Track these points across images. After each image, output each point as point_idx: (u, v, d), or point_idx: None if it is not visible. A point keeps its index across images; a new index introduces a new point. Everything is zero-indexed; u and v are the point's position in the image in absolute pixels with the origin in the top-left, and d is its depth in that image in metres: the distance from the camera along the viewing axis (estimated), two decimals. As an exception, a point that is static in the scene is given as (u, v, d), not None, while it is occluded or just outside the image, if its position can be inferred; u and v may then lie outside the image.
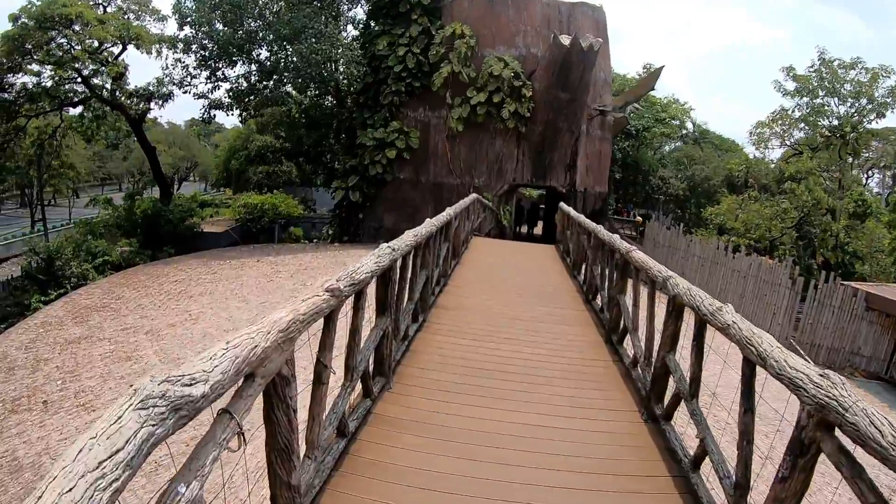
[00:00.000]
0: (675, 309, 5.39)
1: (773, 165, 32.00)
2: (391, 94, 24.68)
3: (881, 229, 28.97)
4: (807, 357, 17.55)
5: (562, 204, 18.66)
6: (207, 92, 29.24)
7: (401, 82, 24.47)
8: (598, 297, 10.26)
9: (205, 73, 28.64)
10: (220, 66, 28.40)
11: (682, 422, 7.15)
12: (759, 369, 3.50)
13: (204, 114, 29.11)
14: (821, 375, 2.77)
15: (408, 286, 7.07)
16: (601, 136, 26.91)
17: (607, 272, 9.58)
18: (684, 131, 54.47)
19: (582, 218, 13.37)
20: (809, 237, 29.38)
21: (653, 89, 25.90)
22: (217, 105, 28.76)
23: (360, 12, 31.57)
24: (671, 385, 5.37)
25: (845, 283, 18.63)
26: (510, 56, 23.65)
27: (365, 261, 4.75)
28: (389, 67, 24.69)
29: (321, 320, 3.65)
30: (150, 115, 37.46)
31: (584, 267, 12.56)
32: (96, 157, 58.84)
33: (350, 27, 32.41)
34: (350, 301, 4.44)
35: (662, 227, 24.09)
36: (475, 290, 10.98)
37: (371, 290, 5.02)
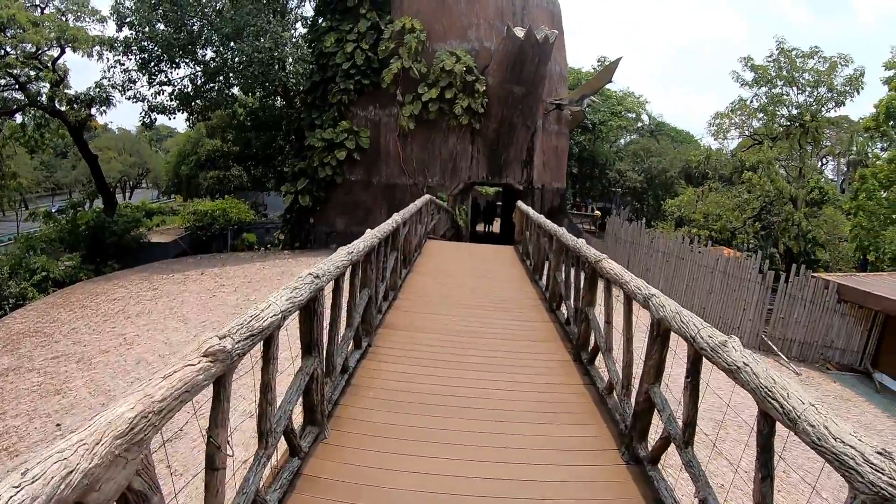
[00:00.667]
0: (661, 335, 4.42)
1: (731, 156, 31.24)
2: (340, 93, 23.42)
3: (839, 216, 28.56)
4: (780, 353, 16.90)
5: (519, 203, 17.62)
6: (151, 95, 27.61)
7: (349, 80, 23.21)
8: (563, 306, 9.25)
9: (147, 76, 27.02)
10: (162, 67, 26.81)
11: (672, 464, 6.05)
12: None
13: (144, 118, 27.42)
14: (880, 454, 2.04)
15: (344, 312, 5.97)
16: (558, 130, 25.95)
17: (573, 280, 8.64)
18: (640, 124, 54.19)
19: (542, 219, 12.35)
20: (770, 227, 28.84)
21: (610, 81, 24.94)
22: (158, 109, 27.08)
23: (309, 10, 30.21)
24: (656, 421, 4.59)
25: (816, 275, 17.91)
26: (463, 50, 22.53)
27: (274, 298, 3.60)
28: (338, 65, 23.42)
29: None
30: (102, 121, 35.70)
31: (545, 272, 11.60)
32: (43, 166, 56.49)
33: (299, 25, 31.04)
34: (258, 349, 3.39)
35: (623, 222, 23.11)
36: (428, 303, 9.93)
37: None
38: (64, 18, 29.21)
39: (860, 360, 16.95)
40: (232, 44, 24.04)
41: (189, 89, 27.46)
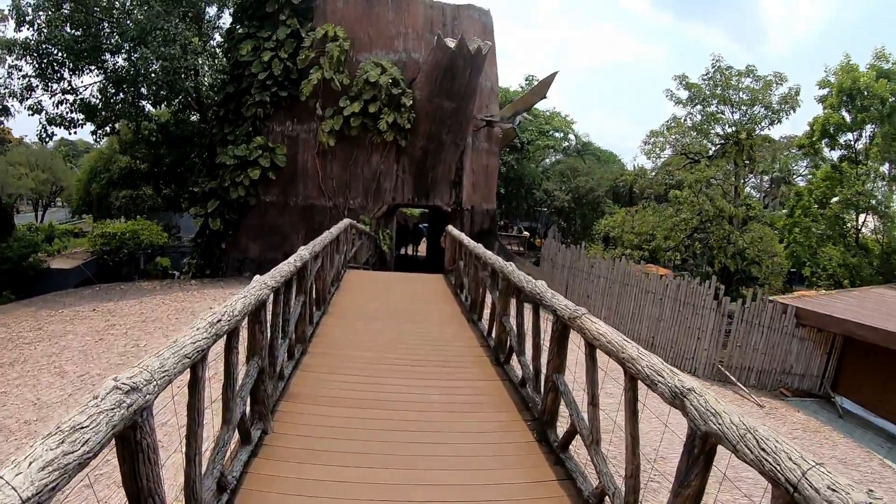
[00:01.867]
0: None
1: (659, 175, 29.97)
2: (255, 106, 21.08)
3: (767, 231, 27.60)
4: (738, 383, 15.35)
5: (450, 228, 15.70)
6: (53, 105, 24.66)
7: (265, 92, 20.91)
8: (516, 362, 7.20)
9: (43, 84, 24.09)
10: (64, 75, 23.96)
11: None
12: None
13: (40, 132, 24.48)
14: None
15: (200, 415, 3.52)
16: (488, 149, 24.16)
17: (529, 332, 6.76)
18: (566, 143, 53.20)
19: (480, 249, 10.40)
20: (705, 245, 27.70)
21: (544, 98, 23.26)
22: (57, 121, 24.16)
23: (228, 19, 27.63)
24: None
25: (773, 298, 16.55)
26: (389, 62, 20.52)
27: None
28: (253, 75, 21.08)
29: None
30: (17, 134, 32.23)
31: (486, 312, 9.87)
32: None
33: (217, 35, 28.48)
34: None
35: (560, 246, 21.36)
36: (344, 361, 7.78)
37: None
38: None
39: (819, 384, 15.94)
40: (136, 48, 21.43)
41: (98, 99, 24.77)
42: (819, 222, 26.53)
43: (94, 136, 27.48)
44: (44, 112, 24.13)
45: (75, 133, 30.84)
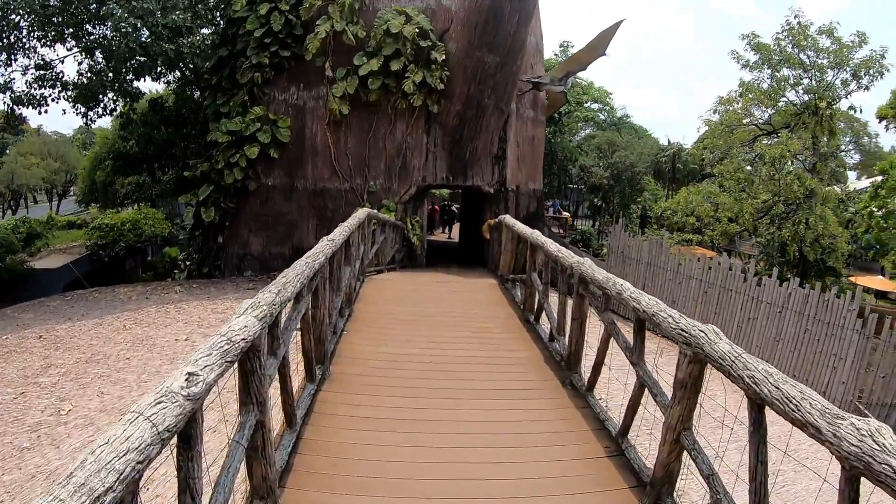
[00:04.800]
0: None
1: (733, 147, 24.66)
2: (251, 70, 16.43)
3: (827, 212, 22.56)
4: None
5: (508, 219, 11.10)
6: (27, 83, 20.11)
7: (264, 52, 16.23)
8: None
9: (13, 57, 19.56)
10: (35, 45, 19.43)
11: None
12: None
13: (7, 112, 19.97)
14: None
15: None
16: (534, 117, 19.31)
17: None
18: (602, 116, 48.12)
19: (588, 269, 5.80)
20: (777, 229, 22.78)
21: (604, 54, 18.20)
22: (24, 100, 19.55)
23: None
24: None
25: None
26: (414, 8, 15.68)
27: None
28: (249, 33, 16.41)
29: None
30: (34, 124, 27.99)
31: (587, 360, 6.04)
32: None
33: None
34: None
35: (636, 238, 16.44)
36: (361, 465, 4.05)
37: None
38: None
39: None
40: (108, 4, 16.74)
41: (87, 76, 20.25)
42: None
43: (85, 119, 22.90)
44: (8, 91, 19.58)
45: (46, 112, 25.89)
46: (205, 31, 20.14)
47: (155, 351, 10.79)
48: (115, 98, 21.57)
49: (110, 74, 20.25)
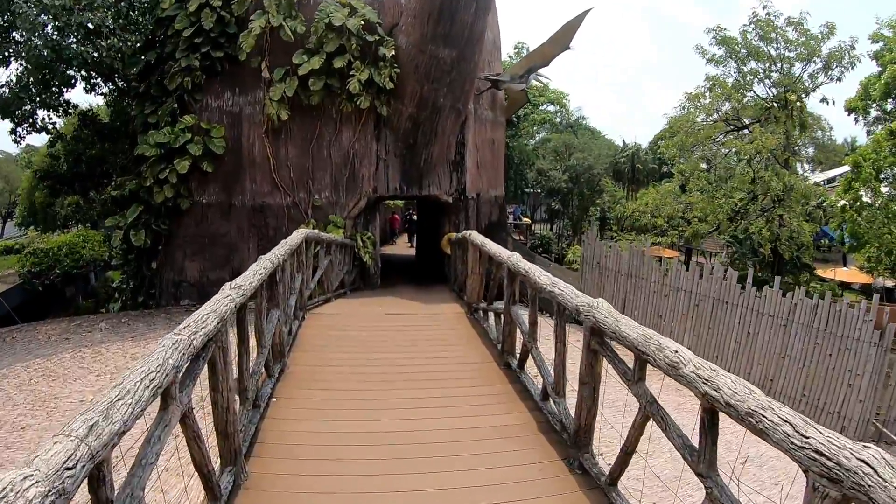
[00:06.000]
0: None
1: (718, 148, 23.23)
2: (180, 74, 14.41)
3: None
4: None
5: (473, 235, 9.31)
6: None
7: (194, 54, 14.22)
8: None
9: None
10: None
11: None
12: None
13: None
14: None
15: None
16: (493, 119, 17.56)
17: None
18: (558, 119, 46.89)
19: (612, 321, 4.02)
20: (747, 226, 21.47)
21: (568, 48, 16.51)
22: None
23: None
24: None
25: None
26: (359, 0, 13.79)
27: None
28: (178, 33, 14.39)
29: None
30: None
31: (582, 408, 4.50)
32: None
33: None
34: None
35: (613, 246, 14.66)
36: None
37: None
38: None
39: None
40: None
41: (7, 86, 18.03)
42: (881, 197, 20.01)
43: (14, 136, 20.54)
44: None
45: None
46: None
47: (55, 417, 8.69)
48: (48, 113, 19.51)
49: (31, 87, 18.17)
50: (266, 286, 5.97)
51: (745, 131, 23.28)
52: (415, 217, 30.91)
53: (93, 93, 21.50)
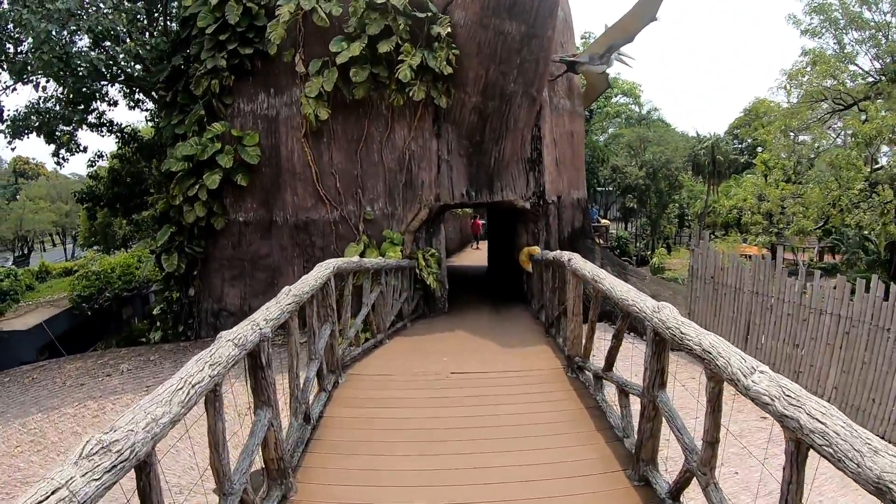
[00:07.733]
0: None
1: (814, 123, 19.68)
2: (207, 77, 12.12)
3: None
4: None
5: (577, 261, 6.53)
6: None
7: (221, 53, 11.89)
8: None
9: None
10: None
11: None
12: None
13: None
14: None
15: None
16: (571, 108, 14.67)
17: None
18: (634, 110, 43.47)
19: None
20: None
21: (655, 19, 13.58)
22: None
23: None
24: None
25: None
26: (404, -25, 11.17)
27: None
28: (202, 31, 12.10)
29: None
30: (50, 167, 24.18)
31: None
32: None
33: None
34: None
35: (733, 256, 11.49)
36: None
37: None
38: None
39: None
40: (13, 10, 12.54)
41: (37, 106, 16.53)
42: None
43: (56, 159, 18.91)
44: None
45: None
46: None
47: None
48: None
49: (69, 106, 16.59)
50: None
51: (852, 110, 19.76)
52: (481, 221, 28.32)
53: (136, 109, 19.89)
